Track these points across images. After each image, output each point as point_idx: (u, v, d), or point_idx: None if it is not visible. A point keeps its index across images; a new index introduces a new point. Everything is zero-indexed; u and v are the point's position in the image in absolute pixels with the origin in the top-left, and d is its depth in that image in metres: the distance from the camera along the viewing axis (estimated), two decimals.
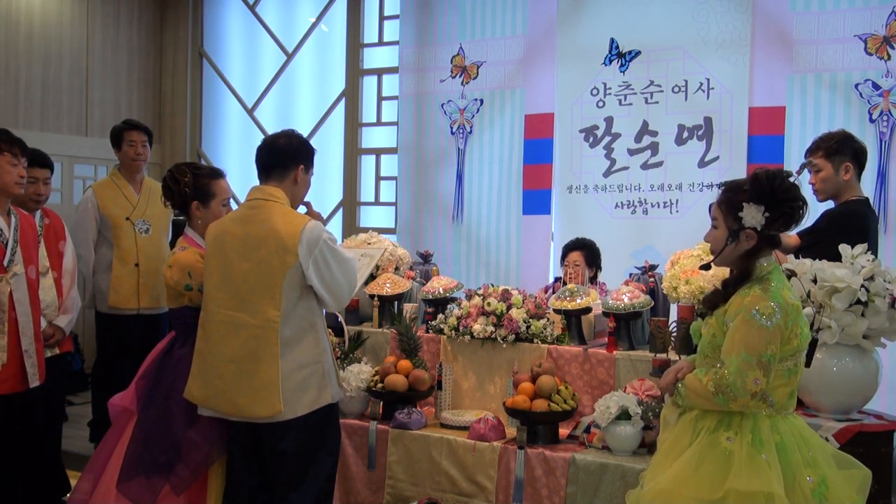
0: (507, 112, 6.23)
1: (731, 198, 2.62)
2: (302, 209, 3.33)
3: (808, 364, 2.70)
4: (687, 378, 2.62)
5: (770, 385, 2.53)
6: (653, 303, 4.08)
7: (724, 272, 2.78)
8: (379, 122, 7.06)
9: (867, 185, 4.68)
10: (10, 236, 3.65)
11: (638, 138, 5.75)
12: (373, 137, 7.11)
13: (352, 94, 7.12)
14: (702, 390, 2.55)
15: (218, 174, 3.58)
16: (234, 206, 3.67)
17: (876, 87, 5.00)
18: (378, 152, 7.05)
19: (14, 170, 3.65)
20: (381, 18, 7.00)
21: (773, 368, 2.50)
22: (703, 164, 5.54)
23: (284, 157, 3.21)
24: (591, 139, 5.91)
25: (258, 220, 3.12)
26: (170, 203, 3.53)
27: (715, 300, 2.68)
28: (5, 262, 3.58)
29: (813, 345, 2.69)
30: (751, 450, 2.49)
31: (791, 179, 2.60)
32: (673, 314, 4.04)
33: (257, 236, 3.09)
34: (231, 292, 3.11)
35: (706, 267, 2.80)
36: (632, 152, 5.76)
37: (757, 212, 2.57)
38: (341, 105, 7.19)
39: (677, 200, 5.62)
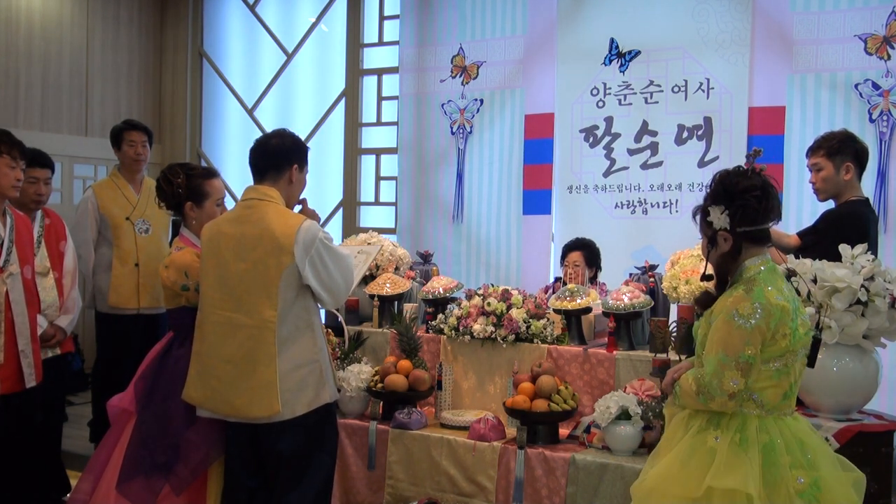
0: (507, 112, 6.22)
1: (701, 206, 2.71)
2: (297, 207, 3.32)
3: (811, 364, 2.68)
4: (681, 378, 2.64)
5: (755, 386, 2.53)
6: (653, 303, 4.08)
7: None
8: (379, 122, 7.05)
9: (867, 185, 4.68)
10: (6, 236, 3.65)
11: (638, 138, 5.75)
12: (373, 137, 7.11)
13: (352, 94, 7.12)
14: (689, 390, 2.58)
15: (211, 174, 3.57)
16: (231, 205, 3.65)
17: (876, 87, 5.00)
18: (378, 152, 7.05)
19: (12, 172, 3.64)
20: (381, 18, 7.00)
21: (753, 369, 2.50)
22: (702, 163, 5.53)
23: (278, 157, 3.20)
24: (591, 139, 5.91)
25: (253, 220, 3.11)
26: (164, 204, 3.52)
27: (706, 301, 2.70)
28: (1, 263, 3.58)
29: (816, 344, 2.68)
30: (736, 449, 2.50)
31: (744, 169, 2.64)
32: (673, 314, 4.04)
33: (253, 236, 3.08)
34: (227, 293, 3.10)
35: (706, 278, 2.77)
36: (632, 152, 5.76)
37: (720, 213, 2.62)
38: (341, 105, 7.19)
39: (677, 200, 5.62)
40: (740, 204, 2.58)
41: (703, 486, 2.47)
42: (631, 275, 4.58)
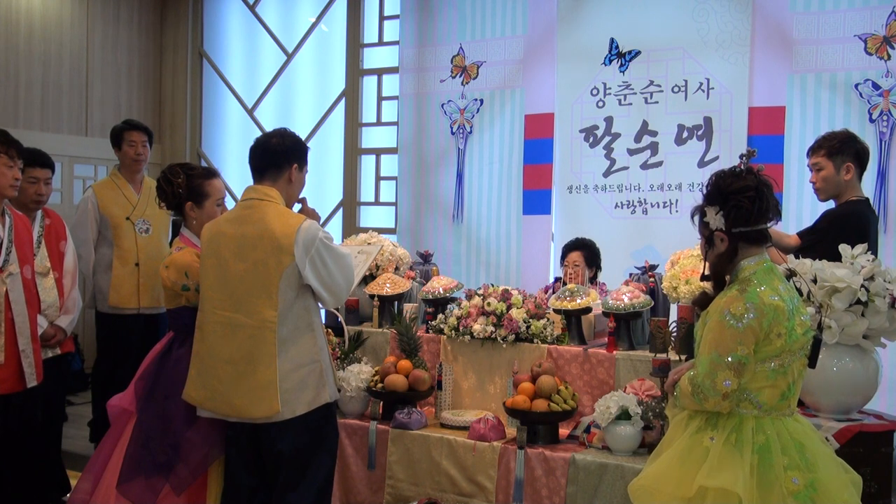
0: (507, 112, 6.23)
1: (699, 207, 2.73)
2: (297, 206, 3.32)
3: (812, 365, 2.68)
4: (681, 379, 2.64)
5: (751, 386, 2.53)
6: (653, 303, 4.08)
7: None
8: (379, 122, 7.06)
9: (867, 185, 4.68)
10: (6, 236, 3.65)
11: (638, 138, 5.75)
12: (373, 137, 7.11)
13: (352, 94, 7.12)
14: (686, 391, 2.58)
15: (211, 174, 3.57)
16: (231, 205, 3.65)
17: (876, 87, 5.00)
18: (378, 152, 7.05)
19: (9, 172, 3.64)
20: (381, 18, 7.00)
21: (747, 369, 2.50)
22: (702, 163, 5.53)
23: (278, 157, 3.20)
24: (591, 139, 5.91)
25: (253, 220, 3.11)
26: (164, 204, 3.53)
27: (704, 301, 2.71)
28: (0, 263, 3.58)
29: (816, 344, 2.68)
30: (730, 448, 2.51)
31: (738, 170, 2.65)
32: (673, 314, 4.04)
33: (253, 237, 3.08)
34: (227, 293, 3.10)
35: (706, 278, 2.79)
36: (632, 152, 5.76)
37: (715, 213, 2.63)
38: (341, 105, 7.19)
39: (677, 200, 5.62)
40: (734, 205, 2.60)
41: (695, 485, 2.48)
42: (631, 275, 4.58)
